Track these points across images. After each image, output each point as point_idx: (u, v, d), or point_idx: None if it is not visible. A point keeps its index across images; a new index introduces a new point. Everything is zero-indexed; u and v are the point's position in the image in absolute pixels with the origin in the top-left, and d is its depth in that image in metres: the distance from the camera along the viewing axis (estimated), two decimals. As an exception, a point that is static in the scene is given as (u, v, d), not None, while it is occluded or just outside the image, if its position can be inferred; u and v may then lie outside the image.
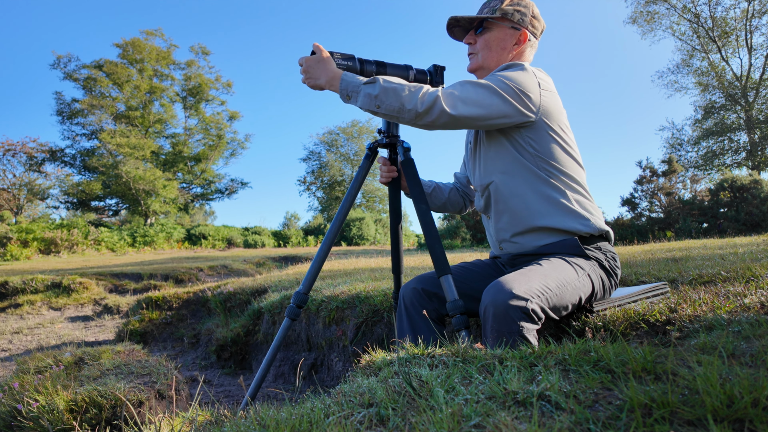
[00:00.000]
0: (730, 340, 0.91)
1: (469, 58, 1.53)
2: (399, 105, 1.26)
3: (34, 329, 4.48)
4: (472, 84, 1.29)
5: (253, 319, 3.48)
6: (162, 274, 7.10)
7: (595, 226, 1.38)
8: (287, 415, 0.80)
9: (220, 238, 21.55)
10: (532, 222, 1.37)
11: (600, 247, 1.40)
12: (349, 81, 1.32)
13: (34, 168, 25.28)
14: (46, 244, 14.59)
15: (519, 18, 1.44)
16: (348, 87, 1.31)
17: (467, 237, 14.53)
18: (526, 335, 1.10)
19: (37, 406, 1.50)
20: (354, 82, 1.31)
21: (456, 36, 1.55)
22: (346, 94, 1.32)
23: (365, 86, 1.29)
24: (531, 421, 0.61)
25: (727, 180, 11.65)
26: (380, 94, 1.26)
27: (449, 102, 1.24)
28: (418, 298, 1.43)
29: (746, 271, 1.73)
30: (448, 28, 1.51)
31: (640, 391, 0.64)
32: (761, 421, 0.55)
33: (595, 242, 1.40)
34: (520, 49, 1.47)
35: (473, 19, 1.47)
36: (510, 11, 1.43)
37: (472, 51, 1.51)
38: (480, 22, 1.48)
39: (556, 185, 1.37)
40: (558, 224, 1.36)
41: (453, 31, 1.53)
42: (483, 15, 1.45)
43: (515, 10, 1.43)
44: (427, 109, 1.24)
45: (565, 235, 1.37)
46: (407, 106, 1.25)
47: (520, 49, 1.47)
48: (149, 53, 27.24)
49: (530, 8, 1.46)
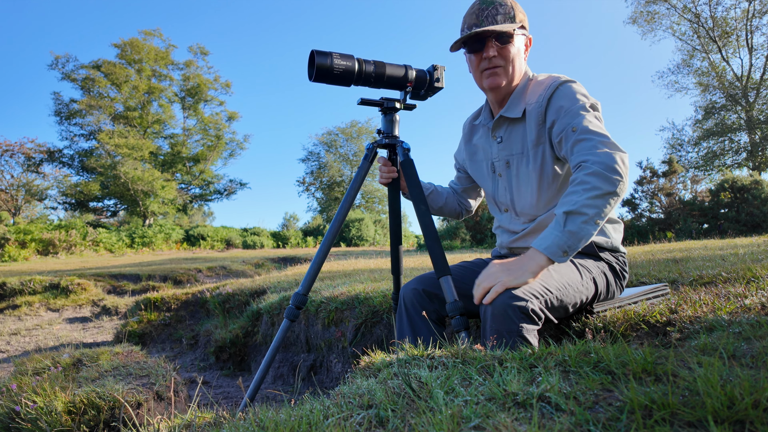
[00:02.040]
0: (731, 341, 0.91)
1: (490, 74, 1.38)
2: (611, 204, 1.15)
3: (32, 330, 4.46)
4: (590, 118, 1.25)
5: (252, 320, 3.47)
6: (160, 275, 7.09)
7: (613, 244, 1.41)
8: (286, 416, 0.79)
9: (219, 239, 21.54)
10: None
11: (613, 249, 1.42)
12: (554, 243, 1.14)
13: (32, 169, 25.24)
14: (44, 245, 14.56)
15: (527, 23, 1.41)
16: (563, 246, 1.14)
17: (467, 238, 14.53)
18: (525, 335, 1.10)
19: (35, 407, 1.50)
20: (562, 241, 1.13)
21: (469, 47, 1.39)
22: (564, 252, 1.14)
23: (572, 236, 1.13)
24: (531, 422, 0.61)
25: (728, 180, 11.66)
26: (593, 216, 1.14)
27: (618, 153, 1.17)
28: (419, 299, 1.43)
29: (747, 272, 1.73)
30: (467, 39, 1.35)
31: (640, 392, 0.64)
32: (762, 422, 0.55)
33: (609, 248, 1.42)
34: (527, 53, 1.45)
35: (502, 31, 1.33)
36: (523, 18, 1.38)
37: (495, 65, 1.37)
38: (505, 34, 1.35)
39: None
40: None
41: (468, 43, 1.38)
42: (506, 25, 1.33)
43: (523, 15, 1.39)
44: (620, 176, 1.15)
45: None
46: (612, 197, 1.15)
47: (527, 54, 1.45)
48: (148, 53, 27.20)
49: (522, 9, 1.41)
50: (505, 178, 1.48)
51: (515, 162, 1.44)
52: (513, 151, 1.44)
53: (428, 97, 1.62)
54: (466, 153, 1.63)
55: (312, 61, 1.38)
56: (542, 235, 1.17)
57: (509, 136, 1.45)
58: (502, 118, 1.45)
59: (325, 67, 1.38)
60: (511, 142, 1.44)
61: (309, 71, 1.41)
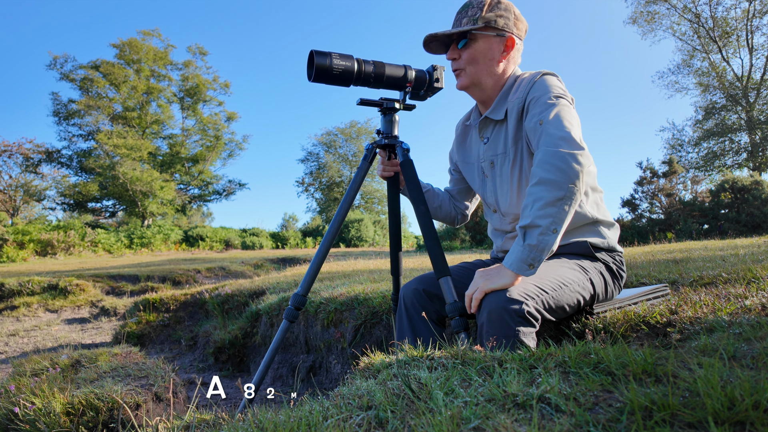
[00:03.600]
0: (731, 342, 0.91)
1: (455, 76, 1.43)
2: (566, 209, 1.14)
3: (30, 331, 4.46)
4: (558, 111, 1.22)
5: (251, 321, 3.47)
6: (159, 276, 7.08)
7: (610, 244, 1.41)
8: (285, 417, 0.79)
9: (218, 240, 21.52)
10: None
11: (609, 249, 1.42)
12: (517, 259, 1.14)
13: (30, 169, 25.20)
14: (42, 246, 14.54)
15: (503, 23, 1.35)
16: (526, 260, 1.14)
17: (466, 239, 14.53)
18: (522, 338, 1.09)
19: (33, 408, 1.49)
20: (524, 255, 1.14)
21: (434, 50, 1.44)
22: (529, 264, 1.14)
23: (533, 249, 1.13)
24: (531, 423, 0.60)
25: (728, 181, 11.66)
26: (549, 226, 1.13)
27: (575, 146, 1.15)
28: (419, 299, 1.42)
29: (747, 272, 1.72)
30: (425, 44, 1.40)
31: (640, 393, 0.64)
32: (762, 423, 0.55)
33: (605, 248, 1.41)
34: (509, 55, 1.40)
35: (453, 33, 1.35)
36: (492, 18, 1.34)
37: (457, 67, 1.41)
38: (462, 35, 1.37)
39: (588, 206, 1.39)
40: (579, 237, 1.38)
41: (430, 46, 1.42)
42: (464, 27, 1.34)
43: (497, 16, 1.35)
44: (569, 179, 1.13)
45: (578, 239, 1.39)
46: (564, 202, 1.13)
47: (508, 55, 1.40)
48: (146, 53, 27.16)
49: (511, 10, 1.38)
50: (490, 179, 1.49)
51: (498, 162, 1.44)
52: (497, 151, 1.44)
53: (428, 97, 1.61)
54: (458, 155, 1.63)
55: (311, 61, 1.37)
56: (510, 251, 1.18)
57: (494, 136, 1.45)
58: (487, 119, 1.46)
59: (324, 67, 1.37)
60: (496, 142, 1.44)
61: (308, 71, 1.40)
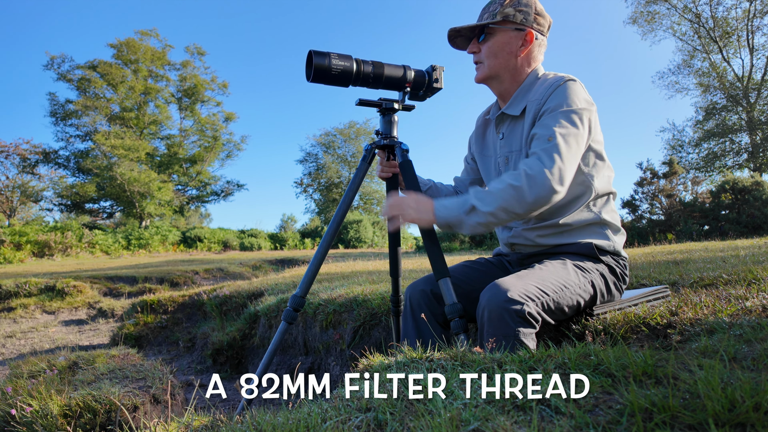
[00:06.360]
0: (732, 343, 0.91)
1: (475, 68, 1.47)
2: (505, 220, 1.21)
3: (27, 333, 4.44)
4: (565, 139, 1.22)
5: (250, 322, 3.46)
6: (157, 278, 7.06)
7: (615, 248, 1.40)
8: (284, 419, 0.79)
9: (216, 241, 21.49)
10: (561, 240, 1.38)
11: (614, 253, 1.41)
12: (446, 216, 1.25)
13: (27, 170, 25.14)
14: (39, 247, 14.51)
15: (522, 18, 1.38)
16: (448, 220, 1.24)
17: (466, 239, 14.54)
18: (522, 339, 1.09)
19: (30, 410, 1.48)
20: (452, 216, 1.24)
21: (459, 46, 1.49)
22: (447, 225, 1.26)
23: (468, 216, 1.22)
24: (530, 425, 0.60)
25: (729, 182, 11.65)
26: (489, 217, 1.20)
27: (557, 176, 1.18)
28: (426, 300, 1.41)
29: (748, 273, 1.72)
30: (449, 39, 1.45)
31: (640, 395, 0.64)
32: (763, 425, 0.55)
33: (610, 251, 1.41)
34: (528, 49, 1.41)
35: (474, 27, 1.40)
36: (511, 13, 1.37)
37: (477, 60, 1.45)
38: (482, 29, 1.42)
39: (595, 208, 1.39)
40: (584, 238, 1.37)
41: (455, 42, 1.47)
42: (483, 21, 1.39)
43: (517, 11, 1.38)
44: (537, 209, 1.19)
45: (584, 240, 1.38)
46: (516, 217, 1.21)
47: (527, 50, 1.41)
48: (144, 54, 27.13)
49: (532, 6, 1.40)
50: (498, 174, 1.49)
51: (513, 159, 1.43)
52: (512, 147, 1.44)
53: (427, 97, 1.61)
54: (476, 146, 1.62)
55: (310, 61, 1.37)
56: (448, 205, 1.25)
57: (510, 132, 1.44)
58: (504, 114, 1.46)
59: (322, 67, 1.37)
60: (511, 139, 1.44)
61: (307, 72, 1.40)
